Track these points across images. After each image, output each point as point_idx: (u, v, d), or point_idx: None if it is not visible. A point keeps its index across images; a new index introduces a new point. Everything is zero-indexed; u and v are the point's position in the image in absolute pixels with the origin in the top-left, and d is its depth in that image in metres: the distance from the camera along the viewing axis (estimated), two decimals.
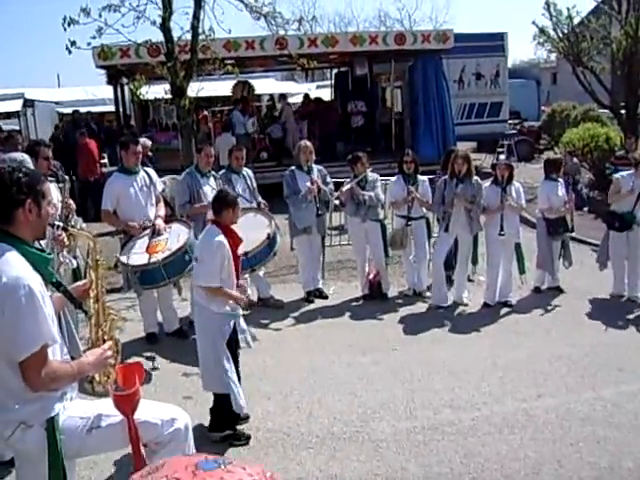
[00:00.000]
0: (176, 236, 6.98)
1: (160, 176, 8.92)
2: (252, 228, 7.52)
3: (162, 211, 7.46)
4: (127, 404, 3.23)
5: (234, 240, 5.36)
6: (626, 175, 8.66)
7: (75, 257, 6.25)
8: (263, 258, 7.47)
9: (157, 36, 10.83)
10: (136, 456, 3.29)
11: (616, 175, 8.99)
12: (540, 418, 5.64)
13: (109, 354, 3.32)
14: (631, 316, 8.18)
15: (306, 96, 20.80)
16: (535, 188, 15.12)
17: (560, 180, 9.00)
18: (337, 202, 8.98)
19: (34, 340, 3.00)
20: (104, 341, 3.52)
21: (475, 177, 8.36)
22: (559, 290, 9.02)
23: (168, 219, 7.53)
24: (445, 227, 8.37)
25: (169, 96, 11.25)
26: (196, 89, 11.60)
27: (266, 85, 24.21)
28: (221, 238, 5.23)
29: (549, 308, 8.51)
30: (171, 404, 3.79)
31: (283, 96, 19.29)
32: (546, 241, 8.87)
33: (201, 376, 5.57)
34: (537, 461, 4.98)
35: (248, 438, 5.37)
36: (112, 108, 19.82)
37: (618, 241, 8.68)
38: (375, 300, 8.79)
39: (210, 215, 7.52)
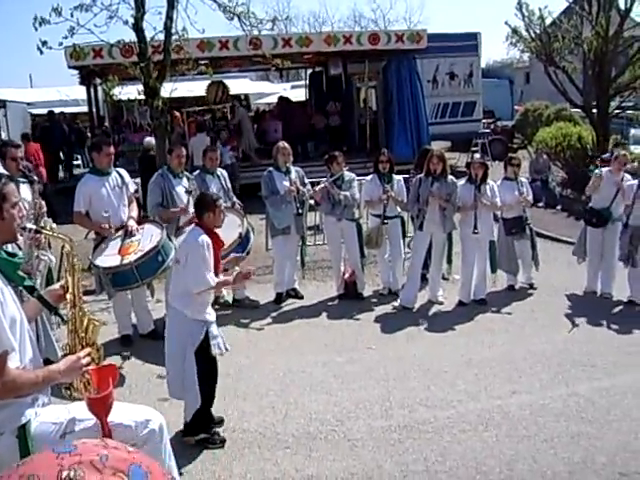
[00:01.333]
0: (149, 237, 6.93)
1: (134, 177, 8.87)
2: (224, 227, 7.49)
3: (134, 212, 7.39)
4: (100, 407, 3.19)
5: (217, 244, 5.26)
6: (606, 171, 8.82)
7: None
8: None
9: (130, 36, 10.75)
10: None
11: (597, 171, 9.10)
12: (515, 415, 5.68)
13: (84, 362, 3.26)
14: (604, 313, 8.29)
15: (281, 98, 20.79)
16: None
17: (522, 180, 9.10)
18: (312, 201, 8.98)
19: None
20: (82, 347, 3.47)
21: (450, 176, 8.41)
22: (532, 287, 9.11)
23: (141, 220, 7.47)
24: (419, 225, 8.41)
25: (142, 97, 11.16)
26: (170, 89, 11.53)
27: (241, 85, 24.14)
28: (206, 237, 5.11)
29: (523, 305, 8.59)
30: (145, 406, 3.76)
31: (237, 98, 18.99)
32: (503, 240, 8.97)
33: (167, 383, 5.46)
34: (512, 457, 5.02)
35: (223, 441, 5.32)
36: (85, 109, 19.66)
37: (594, 238, 8.82)
38: (351, 300, 8.81)
39: (184, 219, 7.53)
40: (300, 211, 8.57)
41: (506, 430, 5.43)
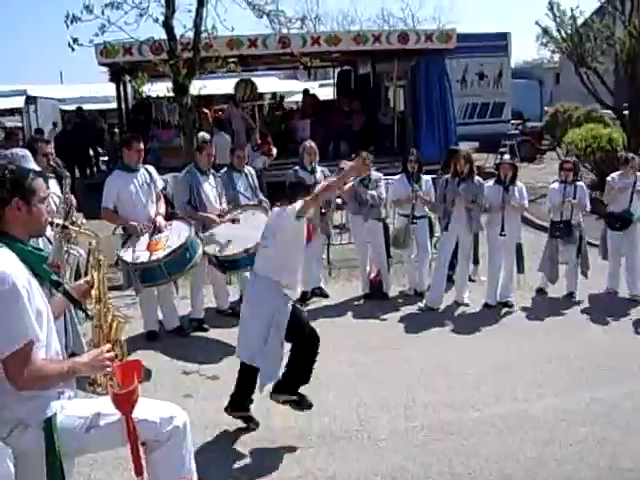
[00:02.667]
0: (177, 234, 6.98)
1: (162, 174, 8.93)
2: (252, 225, 7.53)
3: (162, 209, 7.45)
4: (125, 402, 3.21)
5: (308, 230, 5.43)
6: (616, 175, 8.80)
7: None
8: None
9: (160, 34, 10.84)
10: (134, 454, 3.29)
11: (608, 177, 9.04)
12: (539, 419, 5.63)
13: (107, 356, 3.28)
14: (628, 315, 8.20)
15: (306, 92, 20.75)
16: (537, 189, 15.20)
17: (579, 184, 8.84)
18: (339, 201, 8.97)
19: (15, 337, 2.96)
20: (107, 343, 3.50)
21: (477, 177, 8.36)
22: (572, 296, 8.91)
23: (169, 217, 7.52)
24: (445, 226, 8.37)
25: (171, 94, 11.24)
26: (198, 87, 11.60)
27: (268, 83, 24.18)
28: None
29: (549, 308, 8.51)
30: (170, 402, 3.78)
31: (232, 98, 18.71)
32: (548, 243, 8.87)
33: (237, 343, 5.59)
34: (536, 461, 4.98)
35: (310, 406, 5.45)
36: (115, 105, 19.83)
37: (615, 238, 8.76)
38: (376, 299, 8.79)
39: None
40: (323, 211, 8.56)
41: (530, 434, 5.38)
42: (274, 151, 14.85)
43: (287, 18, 11.20)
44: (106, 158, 21.05)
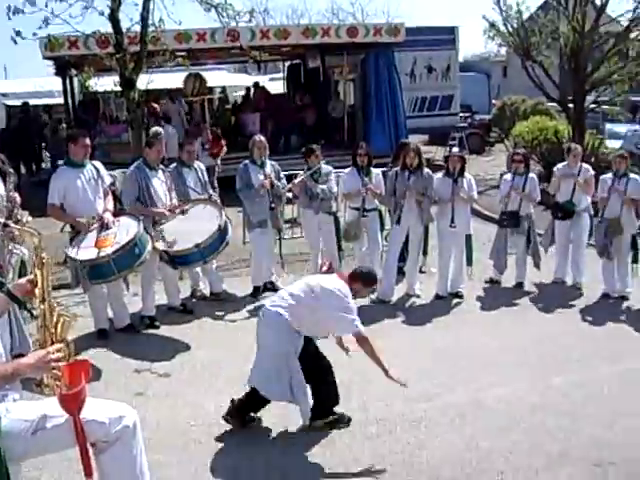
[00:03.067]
0: (125, 230, 6.88)
1: (111, 169, 8.80)
2: (203, 219, 7.50)
3: (110, 204, 7.33)
4: (73, 403, 3.15)
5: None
6: (561, 166, 9.08)
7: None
8: (215, 249, 7.42)
9: (106, 27, 10.64)
10: (83, 456, 3.22)
11: (554, 168, 9.30)
12: (491, 408, 5.72)
13: (53, 357, 3.20)
14: (576, 305, 8.39)
15: (256, 85, 20.63)
16: (486, 180, 15.42)
17: (531, 176, 9.03)
18: (290, 195, 8.96)
19: None
20: (53, 343, 3.42)
21: (426, 169, 8.44)
22: (520, 287, 9.10)
23: (117, 213, 7.41)
24: (397, 219, 8.42)
25: (119, 88, 11.06)
26: (146, 81, 11.43)
27: (218, 78, 23.99)
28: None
29: (499, 298, 8.63)
30: (120, 402, 3.73)
31: (169, 93, 18.32)
32: (497, 233, 9.03)
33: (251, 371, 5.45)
34: (489, 450, 5.04)
35: (349, 420, 5.45)
36: (61, 100, 19.45)
37: (561, 230, 8.98)
38: None
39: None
40: (273, 205, 8.54)
41: (483, 423, 5.46)
42: (223, 151, 14.55)
43: (235, 11, 11.07)
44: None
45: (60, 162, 9.23)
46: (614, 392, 6.02)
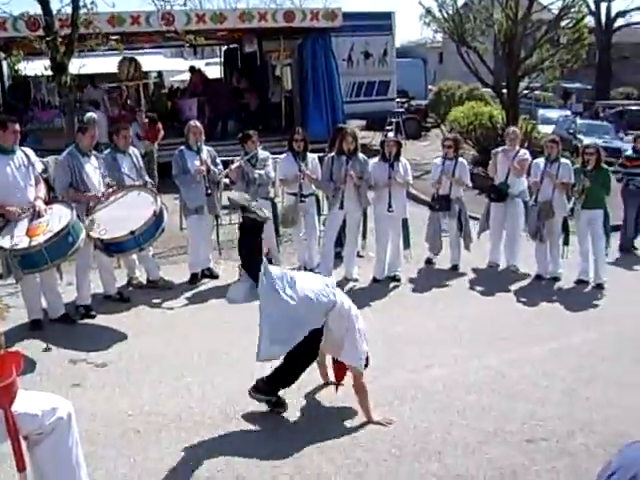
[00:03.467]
0: (57, 218, 6.72)
1: (43, 156, 8.58)
2: (137, 206, 7.39)
3: (42, 192, 7.14)
4: (3, 396, 3.08)
5: None
6: (500, 149, 9.34)
7: None
8: (151, 236, 7.33)
9: (35, 9, 10.36)
10: (15, 450, 3.16)
11: (493, 151, 9.54)
12: (428, 389, 5.81)
13: None
14: (510, 286, 8.60)
15: (192, 69, 20.34)
16: (422, 165, 15.60)
17: (461, 160, 9.27)
18: (227, 180, 8.89)
19: None
20: None
21: (361, 154, 8.50)
22: (456, 269, 9.29)
23: (49, 200, 7.24)
24: (340, 204, 8.44)
25: (49, 72, 10.78)
26: (78, 65, 11.17)
27: (154, 62, 23.61)
28: None
29: (436, 281, 8.78)
30: (56, 393, 3.67)
31: (90, 79, 17.73)
32: (429, 215, 9.19)
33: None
34: (426, 430, 5.13)
35: (284, 404, 5.39)
36: None
37: (496, 213, 9.19)
38: None
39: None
40: (209, 191, 8.47)
41: (420, 403, 5.55)
42: (161, 135, 14.21)
43: None
44: None
45: None
46: (547, 370, 6.21)
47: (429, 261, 9.45)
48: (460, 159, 9.23)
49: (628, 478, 0.95)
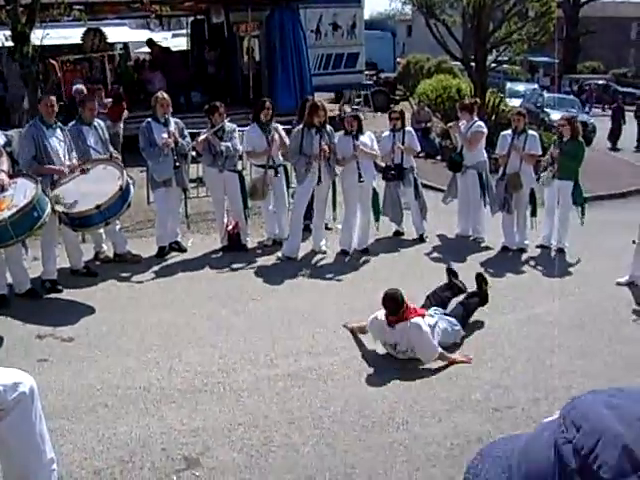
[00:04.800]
0: (22, 192, 6.61)
1: (6, 129, 8.42)
2: (103, 180, 7.30)
3: (5, 165, 6.99)
4: None
5: None
6: (455, 122, 9.57)
7: None
8: (117, 210, 7.25)
9: None
10: None
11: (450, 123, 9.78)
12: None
13: None
14: (477, 257, 8.70)
15: (150, 41, 19.99)
16: None
17: (408, 129, 9.49)
18: (194, 153, 8.82)
19: None
20: None
21: (328, 126, 8.49)
22: (422, 239, 9.37)
23: (13, 174, 7.11)
24: (318, 178, 8.38)
25: (11, 43, 10.56)
26: (41, 36, 10.96)
27: (119, 33, 23.17)
28: None
29: (405, 252, 8.85)
30: (23, 368, 3.64)
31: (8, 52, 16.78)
32: (387, 189, 9.30)
33: None
34: (393, 400, 5.19)
35: None
36: None
37: (461, 184, 9.29)
38: (235, 252, 8.74)
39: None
40: (178, 164, 8.39)
41: (388, 374, 5.60)
42: (125, 114, 13.60)
43: None
44: None
45: None
46: (512, 339, 6.32)
47: (398, 233, 9.51)
48: (407, 128, 9.48)
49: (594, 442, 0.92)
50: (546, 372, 5.68)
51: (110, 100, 12.62)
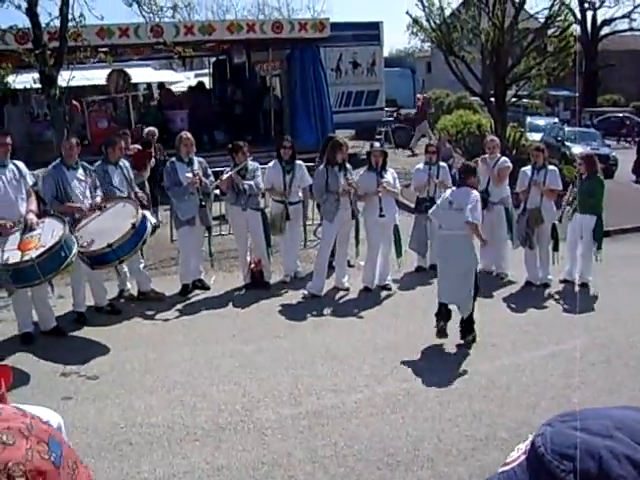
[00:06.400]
0: (50, 231, 6.71)
1: (33, 169, 8.56)
2: (119, 218, 7.39)
3: (33, 205, 7.14)
4: None
5: None
6: (481, 158, 9.52)
7: None
8: (130, 249, 7.29)
9: (24, 22, 10.39)
10: None
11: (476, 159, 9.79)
12: (420, 396, 5.84)
13: None
14: (500, 293, 8.64)
15: (161, 86, 20.38)
16: (411, 174, 15.62)
17: (441, 164, 9.60)
18: (218, 192, 8.91)
19: None
20: None
21: (347, 163, 8.58)
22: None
23: (41, 213, 7.23)
24: (352, 214, 8.53)
25: (38, 85, 10.80)
26: (67, 78, 11.19)
27: (143, 74, 23.60)
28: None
29: (426, 289, 8.79)
30: (47, 406, 3.67)
31: (11, 95, 16.05)
32: (415, 219, 9.31)
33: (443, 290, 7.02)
34: (418, 438, 5.16)
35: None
36: None
37: (486, 220, 9.25)
38: (258, 289, 8.79)
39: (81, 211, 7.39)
40: (204, 203, 8.48)
41: (412, 411, 5.58)
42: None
43: (158, 6, 10.97)
44: None
45: None
46: (537, 376, 6.24)
47: (420, 268, 9.50)
48: (441, 163, 9.61)
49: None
50: (573, 409, 5.59)
51: (136, 146, 12.05)
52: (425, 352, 6.79)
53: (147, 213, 7.81)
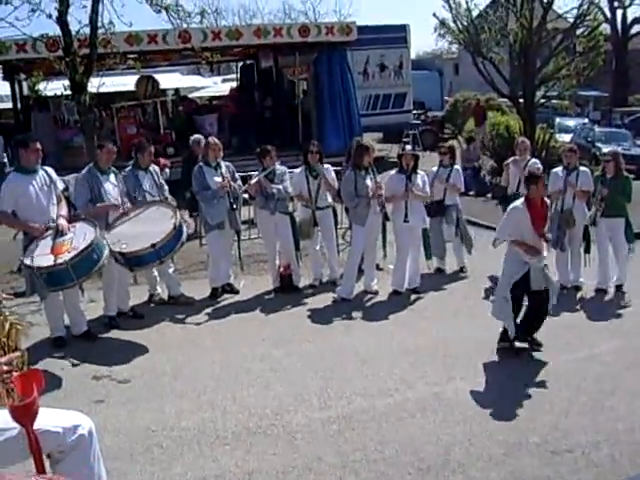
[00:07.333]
0: (82, 235, 6.79)
1: (63, 175, 8.67)
2: (157, 221, 7.47)
3: (64, 210, 7.22)
4: (25, 415, 3.06)
5: (537, 211, 6.60)
6: (511, 159, 9.53)
7: None
8: (172, 248, 7.38)
9: (55, 30, 10.52)
10: (38, 468, 3.16)
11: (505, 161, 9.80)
12: (451, 401, 5.79)
13: (5, 368, 3.11)
14: None
15: (184, 97, 20.58)
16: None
17: (456, 167, 9.58)
18: (246, 196, 8.94)
19: None
20: (5, 353, 3.33)
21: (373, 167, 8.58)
22: (462, 271, 9.53)
23: (72, 218, 7.31)
24: (385, 216, 8.58)
25: (69, 92, 10.92)
26: (97, 84, 11.31)
27: (171, 80, 23.82)
28: (518, 204, 6.70)
29: (456, 292, 8.77)
30: (80, 410, 3.69)
31: (36, 102, 16.62)
32: (432, 224, 9.25)
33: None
34: (449, 442, 5.11)
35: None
36: (10, 105, 19.11)
37: None
38: (287, 293, 8.80)
39: (113, 215, 7.46)
40: (235, 206, 8.52)
41: (443, 416, 5.53)
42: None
43: (186, 13, 11.04)
44: None
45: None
46: (569, 380, 6.15)
47: (439, 270, 9.56)
48: (455, 166, 9.56)
49: None
50: (606, 414, 5.52)
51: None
52: (455, 356, 6.73)
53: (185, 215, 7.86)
